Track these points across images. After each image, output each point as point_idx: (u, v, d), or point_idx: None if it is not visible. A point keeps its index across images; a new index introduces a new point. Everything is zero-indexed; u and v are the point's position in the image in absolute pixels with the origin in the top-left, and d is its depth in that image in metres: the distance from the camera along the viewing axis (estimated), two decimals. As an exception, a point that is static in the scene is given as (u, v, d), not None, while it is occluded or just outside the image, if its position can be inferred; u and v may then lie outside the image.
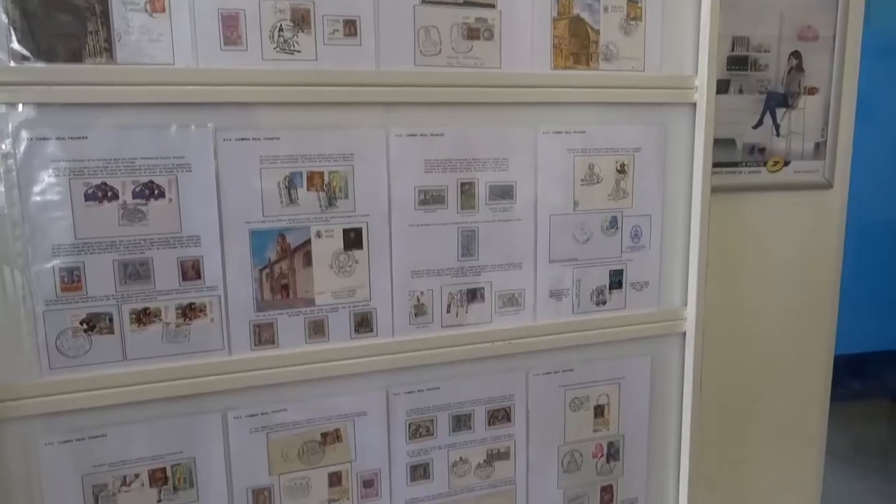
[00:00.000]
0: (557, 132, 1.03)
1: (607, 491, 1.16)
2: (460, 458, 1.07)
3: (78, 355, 0.87)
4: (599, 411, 1.13)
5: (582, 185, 1.06)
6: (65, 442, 0.88)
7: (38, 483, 0.88)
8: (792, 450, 1.55)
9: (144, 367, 0.89)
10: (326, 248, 0.95)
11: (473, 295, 1.03)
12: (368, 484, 1.02)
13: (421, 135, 0.97)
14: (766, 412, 1.51)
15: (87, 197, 0.84)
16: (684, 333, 1.16)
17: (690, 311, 1.15)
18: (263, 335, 0.94)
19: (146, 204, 0.87)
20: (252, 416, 0.95)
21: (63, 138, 0.83)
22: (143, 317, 0.89)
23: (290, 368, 0.95)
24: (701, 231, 1.13)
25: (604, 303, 1.10)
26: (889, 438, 3.00)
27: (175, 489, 0.93)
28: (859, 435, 2.90)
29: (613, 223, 1.08)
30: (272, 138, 0.91)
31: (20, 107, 0.81)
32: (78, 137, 0.83)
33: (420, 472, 1.05)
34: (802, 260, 1.47)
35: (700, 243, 1.13)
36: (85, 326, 0.87)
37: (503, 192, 1.02)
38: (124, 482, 0.91)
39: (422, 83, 0.95)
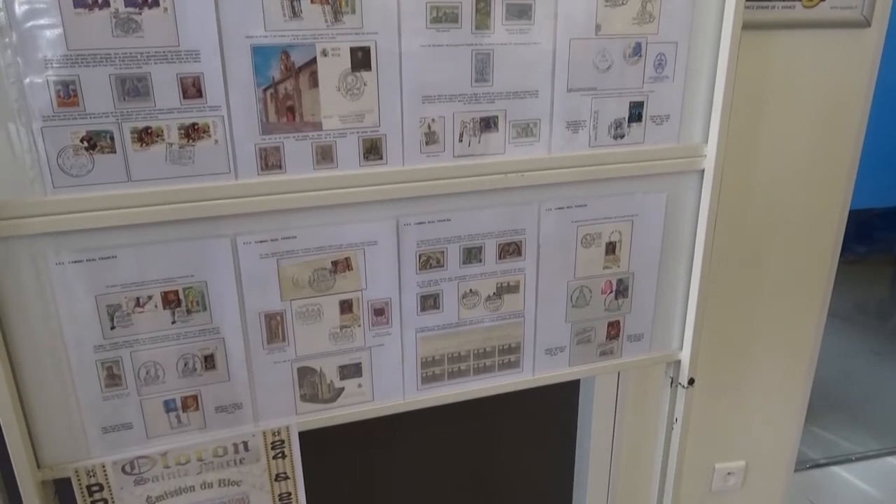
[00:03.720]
0: (582, -56, 0.95)
1: (614, 326, 1.18)
2: (470, 289, 1.07)
3: (81, 174, 0.85)
4: (611, 248, 1.12)
5: (605, 6, 0.98)
6: (75, 262, 0.88)
7: (54, 302, 0.89)
8: (795, 302, 1.56)
9: (150, 189, 0.87)
10: (333, 67, 0.90)
11: (487, 124, 0.99)
12: (379, 312, 1.03)
13: (433, -58, 0.89)
14: (774, 261, 1.51)
15: (76, 3, 0.79)
16: (702, 171, 1.13)
17: (711, 149, 1.11)
18: (270, 159, 0.91)
19: (140, 13, 0.81)
20: (261, 241, 0.94)
21: (43, -66, 0.76)
22: (144, 136, 0.85)
23: (298, 194, 0.93)
24: (729, 65, 1.06)
25: (622, 136, 1.06)
26: (890, 299, 3.05)
27: (188, 311, 0.95)
28: (861, 295, 2.94)
29: (637, 50, 1.02)
30: (271, -59, 0.83)
31: None
32: (59, -66, 0.76)
33: (430, 302, 1.06)
34: (829, 104, 1.40)
35: (727, 78, 1.07)
36: (86, 144, 0.84)
37: (521, 12, 0.95)
38: (138, 303, 0.92)
39: None
